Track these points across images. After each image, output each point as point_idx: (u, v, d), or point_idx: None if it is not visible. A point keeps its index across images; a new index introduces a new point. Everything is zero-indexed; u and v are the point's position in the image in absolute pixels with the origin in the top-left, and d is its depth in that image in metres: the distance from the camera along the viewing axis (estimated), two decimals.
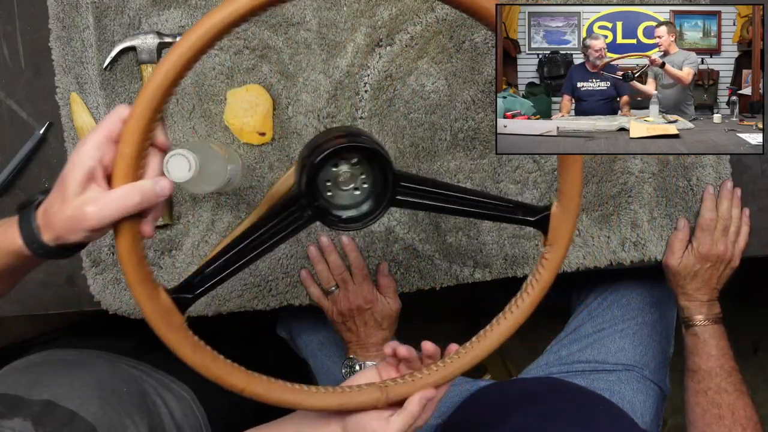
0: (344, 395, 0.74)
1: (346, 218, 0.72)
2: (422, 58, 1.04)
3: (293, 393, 0.72)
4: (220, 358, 0.69)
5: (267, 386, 0.71)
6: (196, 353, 0.67)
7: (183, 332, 0.67)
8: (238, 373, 0.70)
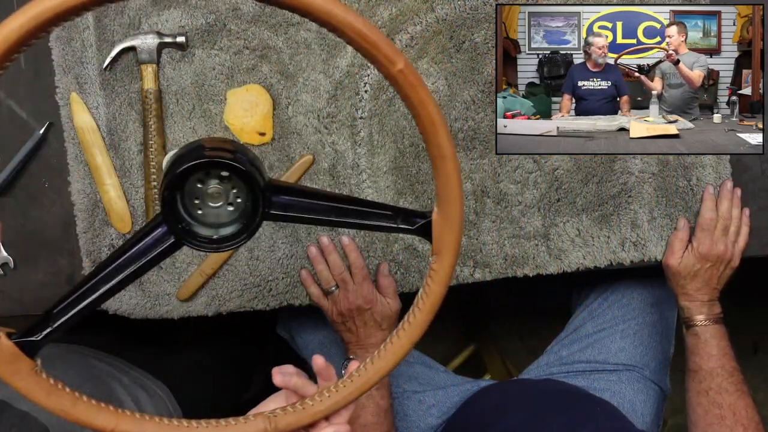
0: (226, 429, 0.69)
1: (217, 238, 0.66)
2: (422, 58, 1.04)
3: (167, 430, 0.67)
4: (81, 399, 0.64)
5: (138, 425, 0.66)
6: (51, 397, 0.63)
7: (34, 377, 0.63)
8: (104, 413, 0.65)
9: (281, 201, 0.67)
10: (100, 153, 1.03)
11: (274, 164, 1.04)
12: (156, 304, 1.06)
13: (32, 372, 0.63)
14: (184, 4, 1.03)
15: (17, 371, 0.62)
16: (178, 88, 1.03)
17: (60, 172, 1.04)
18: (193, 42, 1.03)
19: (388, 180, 1.05)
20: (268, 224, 1.05)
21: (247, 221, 0.66)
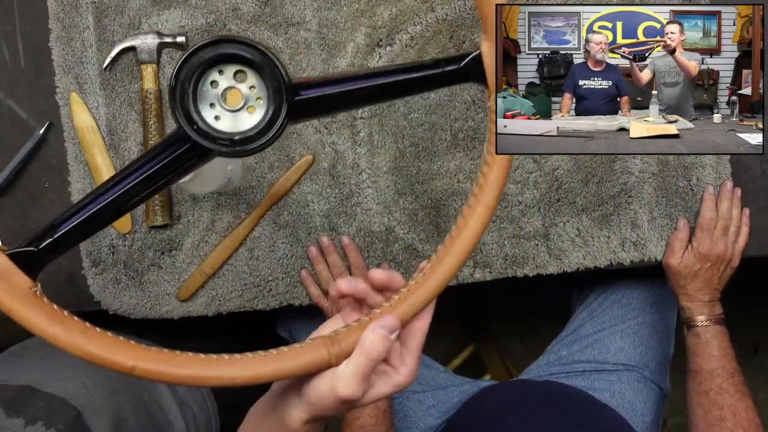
0: (278, 358, 0.55)
1: (240, 139, 0.56)
2: (422, 58, 1.04)
3: (204, 365, 0.53)
4: (93, 330, 0.52)
5: (165, 361, 0.52)
6: (55, 325, 0.51)
7: (33, 299, 0.51)
8: (122, 346, 0.52)
9: (309, 95, 0.58)
10: (100, 153, 1.03)
11: (274, 164, 1.04)
12: (156, 304, 1.06)
13: (31, 293, 0.51)
14: (184, 4, 1.03)
15: (11, 289, 0.51)
16: None
17: (60, 172, 1.04)
18: (193, 42, 1.03)
19: (388, 180, 1.05)
20: (268, 224, 1.05)
21: (271, 119, 0.56)
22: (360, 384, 0.55)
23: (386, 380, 0.58)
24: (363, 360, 0.55)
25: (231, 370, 0.54)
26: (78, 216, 0.54)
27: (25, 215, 1.05)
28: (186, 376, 0.53)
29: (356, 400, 0.56)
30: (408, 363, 0.59)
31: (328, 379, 0.56)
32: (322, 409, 0.57)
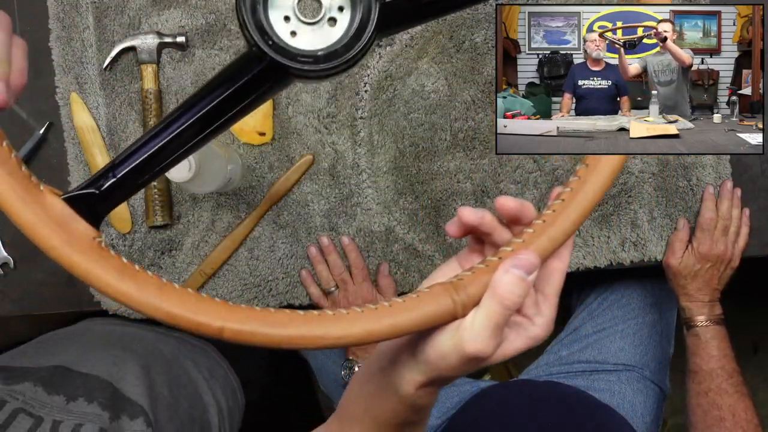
0: (393, 311, 0.46)
1: (324, 54, 0.47)
2: (422, 58, 1.04)
3: (304, 324, 0.44)
4: (169, 285, 0.43)
5: (258, 320, 0.43)
6: (125, 280, 0.42)
7: (98, 251, 0.42)
8: (207, 305, 0.43)
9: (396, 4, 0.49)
10: (100, 153, 1.03)
11: (274, 164, 1.04)
12: None
13: (95, 244, 0.42)
14: (184, 4, 1.03)
15: (72, 240, 0.42)
16: (178, 88, 1.03)
17: (60, 172, 1.04)
18: (193, 42, 1.03)
19: (388, 180, 1.05)
20: (268, 224, 1.05)
21: (359, 28, 0.48)
22: (492, 337, 0.46)
23: (520, 333, 0.49)
24: (496, 307, 0.45)
25: (337, 327, 0.45)
26: (140, 153, 0.46)
27: None
28: (284, 336, 0.44)
29: (486, 356, 0.46)
30: (545, 312, 0.50)
31: (452, 332, 0.47)
32: (443, 369, 0.48)
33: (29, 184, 0.41)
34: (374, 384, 0.54)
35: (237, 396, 1.07)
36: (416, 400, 0.51)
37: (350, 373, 1.06)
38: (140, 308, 0.42)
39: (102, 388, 0.80)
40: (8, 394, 0.73)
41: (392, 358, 0.52)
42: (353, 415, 0.57)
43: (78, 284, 1.06)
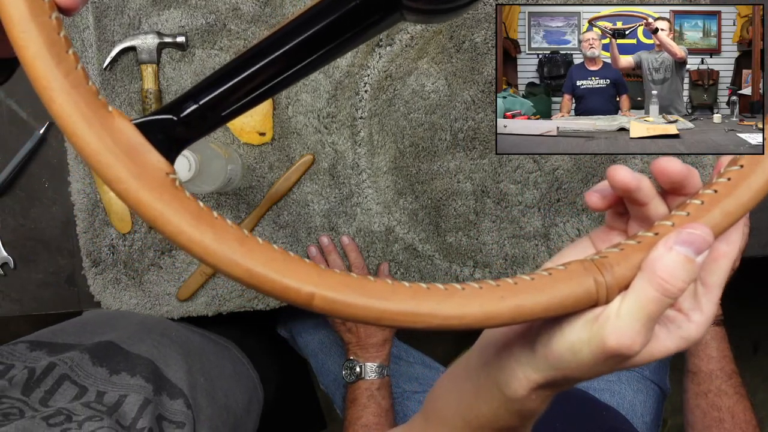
0: (518, 290, 0.37)
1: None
2: (422, 58, 1.04)
3: (410, 297, 0.36)
4: (252, 239, 0.36)
5: (356, 289, 0.36)
6: (202, 227, 0.35)
7: (170, 189, 0.35)
8: (296, 265, 0.35)
9: None
10: None
11: (274, 164, 1.04)
12: (156, 304, 1.06)
13: (169, 181, 0.35)
14: (184, 4, 1.03)
15: (142, 173, 0.34)
16: (178, 88, 1.03)
17: (60, 172, 1.04)
18: (193, 42, 1.03)
19: (388, 180, 1.05)
20: (268, 224, 1.05)
21: None
22: (643, 329, 0.37)
23: (672, 331, 0.40)
24: (652, 293, 0.36)
25: (450, 305, 0.37)
26: (227, 79, 0.40)
27: (25, 215, 1.05)
28: (385, 311, 0.36)
29: (631, 354, 0.37)
30: (705, 307, 0.40)
31: (590, 322, 0.38)
32: (570, 368, 0.39)
33: (96, 103, 0.34)
34: (473, 381, 0.46)
35: (258, 392, 1.08)
36: (526, 405, 0.43)
37: (351, 373, 1.06)
38: (216, 262, 0.35)
39: (144, 365, 0.80)
40: (57, 359, 0.73)
41: (501, 351, 0.43)
42: (441, 416, 0.50)
43: (78, 284, 1.06)
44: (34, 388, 0.68)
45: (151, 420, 0.69)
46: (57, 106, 0.33)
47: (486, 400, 0.44)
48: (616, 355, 0.37)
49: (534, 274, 0.38)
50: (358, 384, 1.06)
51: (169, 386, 0.80)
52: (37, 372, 0.69)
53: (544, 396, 0.42)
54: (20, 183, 1.05)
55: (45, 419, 0.61)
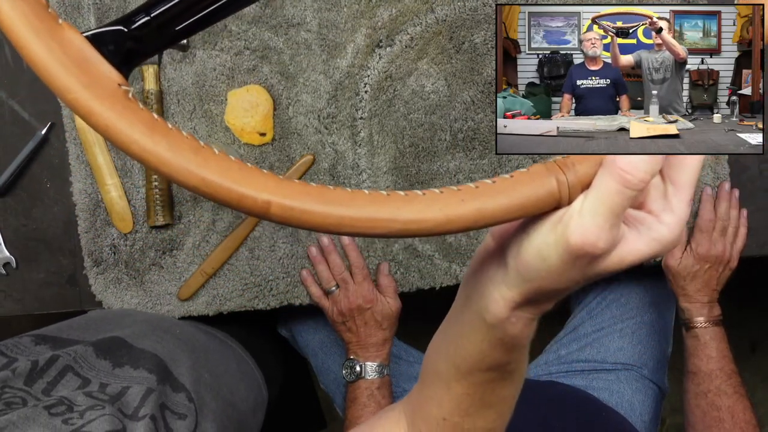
0: (479, 193, 0.36)
1: None
2: (422, 59, 1.04)
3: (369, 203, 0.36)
4: (208, 149, 0.35)
5: (313, 196, 0.35)
6: (156, 137, 0.34)
7: (122, 100, 0.34)
8: (252, 174, 0.35)
9: None
10: (102, 153, 1.03)
11: (274, 164, 1.05)
12: (157, 304, 1.06)
13: (121, 92, 0.35)
14: None
15: (92, 83, 0.34)
16: (179, 88, 1.04)
17: (61, 172, 1.05)
18: (194, 43, 1.03)
19: (388, 180, 1.05)
20: (269, 224, 1.05)
21: None
22: (606, 224, 0.35)
23: (643, 233, 0.38)
24: (613, 185, 0.35)
25: (409, 210, 0.36)
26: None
27: (26, 215, 1.05)
28: (344, 218, 0.35)
29: (598, 252, 0.36)
30: (676, 207, 0.38)
31: (554, 224, 0.37)
32: (542, 276, 0.38)
33: (45, 15, 0.33)
34: (458, 322, 0.46)
35: (262, 391, 1.08)
36: (507, 330, 0.42)
37: (351, 372, 1.07)
38: (170, 171, 0.34)
39: (148, 358, 0.80)
40: (61, 352, 0.73)
41: (478, 278, 0.43)
42: (434, 372, 0.50)
43: (79, 284, 1.07)
44: (37, 378, 0.68)
45: (153, 407, 0.70)
46: (4, 16, 0.33)
47: (470, 338, 0.44)
48: (582, 254, 0.36)
49: (496, 177, 0.37)
50: (358, 383, 1.06)
51: (172, 379, 0.80)
52: (40, 363, 0.70)
53: (525, 319, 0.42)
54: (22, 183, 1.05)
55: (47, 408, 0.61)
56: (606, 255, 0.37)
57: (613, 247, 0.37)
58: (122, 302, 1.06)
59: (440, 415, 0.51)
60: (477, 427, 0.51)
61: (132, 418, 0.67)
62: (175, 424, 0.72)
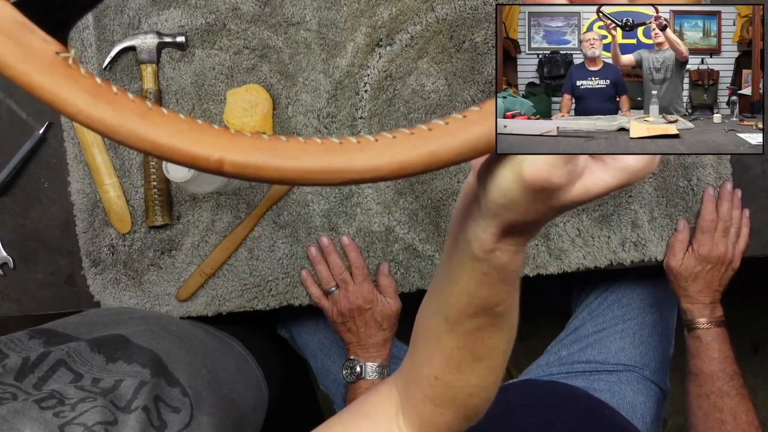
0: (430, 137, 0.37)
1: None
2: (422, 58, 1.04)
3: (322, 154, 0.36)
4: (156, 111, 0.35)
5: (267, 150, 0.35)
6: (100, 104, 0.34)
7: (61, 68, 0.34)
8: (203, 132, 0.35)
9: None
10: (100, 153, 1.03)
11: None
12: (156, 304, 1.06)
13: (59, 60, 0.34)
14: (183, 4, 1.03)
15: (32, 56, 0.33)
16: (177, 87, 1.03)
17: (59, 172, 1.04)
18: (192, 42, 1.03)
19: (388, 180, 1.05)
20: (268, 224, 1.05)
21: None
22: (558, 161, 0.36)
23: (608, 163, 0.39)
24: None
25: (363, 157, 0.36)
26: None
27: (24, 215, 1.05)
28: (298, 170, 0.36)
29: (554, 186, 0.37)
30: None
31: (514, 162, 0.38)
32: (508, 211, 0.40)
33: None
34: (445, 270, 0.47)
35: (261, 389, 1.07)
36: (493, 260, 0.43)
37: (351, 373, 1.06)
38: (119, 137, 0.34)
39: (142, 353, 0.80)
40: (55, 347, 0.73)
41: (463, 215, 0.44)
42: (424, 332, 0.51)
43: (78, 284, 1.06)
44: (28, 374, 0.68)
45: (146, 399, 0.69)
46: None
47: (458, 280, 0.45)
48: (538, 189, 0.37)
49: (449, 117, 0.37)
50: (358, 384, 1.06)
51: (167, 374, 0.80)
52: (32, 358, 0.69)
53: (509, 250, 0.43)
54: (20, 183, 1.05)
55: (37, 402, 0.61)
56: (567, 187, 0.38)
57: (572, 180, 0.38)
58: (120, 303, 1.05)
59: (432, 375, 0.51)
60: (470, 384, 0.51)
61: (124, 410, 0.66)
62: (169, 416, 0.72)
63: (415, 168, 0.37)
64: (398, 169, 0.37)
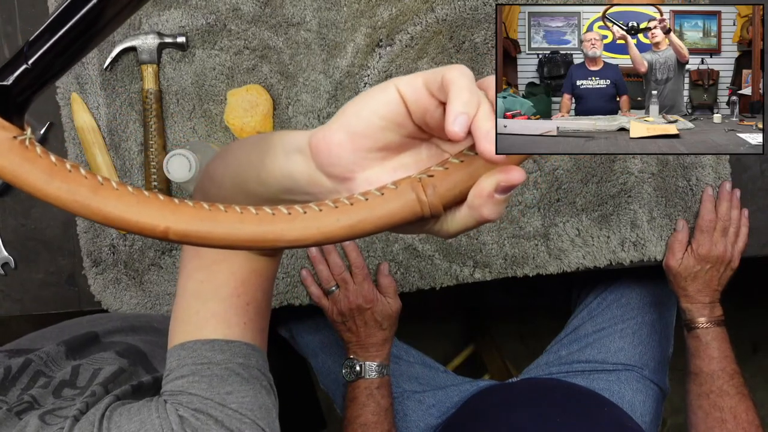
0: (354, 210, 0.42)
1: None
2: (422, 59, 1.04)
3: (258, 224, 0.41)
4: (107, 185, 0.39)
5: (208, 219, 0.40)
6: (54, 182, 0.38)
7: (17, 151, 0.37)
8: (149, 204, 0.39)
9: None
10: (101, 153, 1.03)
11: None
12: (156, 304, 1.06)
13: (17, 144, 0.38)
14: (184, 5, 1.03)
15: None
16: (178, 88, 1.03)
17: None
18: (193, 42, 1.03)
19: None
20: None
21: None
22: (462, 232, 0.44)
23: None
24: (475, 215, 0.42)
25: (293, 228, 0.41)
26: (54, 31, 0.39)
27: (25, 215, 1.05)
28: (236, 238, 0.40)
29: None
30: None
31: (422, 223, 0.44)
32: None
33: None
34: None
35: None
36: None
37: (351, 372, 1.06)
38: (74, 211, 0.38)
39: (119, 345, 0.80)
40: (33, 355, 0.73)
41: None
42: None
43: (78, 284, 1.07)
44: (10, 387, 0.68)
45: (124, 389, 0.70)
46: None
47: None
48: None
49: (368, 193, 0.42)
50: (358, 383, 1.06)
51: (146, 363, 0.80)
52: (13, 370, 0.70)
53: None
54: None
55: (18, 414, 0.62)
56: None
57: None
58: (121, 302, 1.05)
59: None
60: None
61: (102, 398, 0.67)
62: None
63: (337, 238, 0.42)
64: (323, 239, 0.42)
